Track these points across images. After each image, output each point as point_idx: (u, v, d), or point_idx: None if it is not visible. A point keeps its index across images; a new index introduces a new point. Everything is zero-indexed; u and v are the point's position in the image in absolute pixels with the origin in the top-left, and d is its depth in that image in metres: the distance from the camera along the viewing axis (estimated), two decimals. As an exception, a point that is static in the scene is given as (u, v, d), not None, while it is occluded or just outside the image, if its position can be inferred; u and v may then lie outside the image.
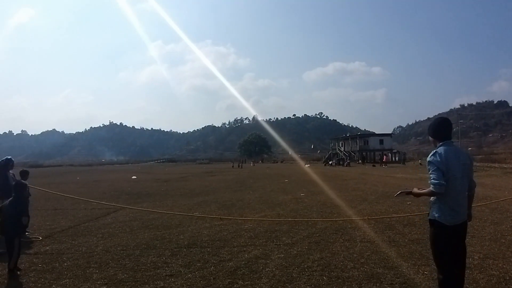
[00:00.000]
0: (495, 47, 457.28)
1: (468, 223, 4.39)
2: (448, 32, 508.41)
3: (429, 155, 4.22)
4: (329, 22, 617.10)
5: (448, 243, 4.17)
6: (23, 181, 7.82)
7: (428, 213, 4.38)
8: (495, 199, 13.43)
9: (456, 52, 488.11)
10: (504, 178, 26.93)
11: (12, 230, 6.28)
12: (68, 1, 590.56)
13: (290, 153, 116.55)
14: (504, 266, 6.00)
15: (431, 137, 4.43)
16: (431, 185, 4.03)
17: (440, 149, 4.18)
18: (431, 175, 4.07)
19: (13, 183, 7.57)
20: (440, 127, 4.36)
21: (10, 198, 6.49)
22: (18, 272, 6.23)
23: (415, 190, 4.36)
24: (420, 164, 55.05)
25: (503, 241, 7.74)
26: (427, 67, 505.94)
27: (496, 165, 45.99)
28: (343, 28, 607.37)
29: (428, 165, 4.17)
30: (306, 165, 60.46)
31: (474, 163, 47.62)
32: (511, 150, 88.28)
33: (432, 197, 4.23)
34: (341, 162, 66.55)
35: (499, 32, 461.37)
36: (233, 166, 59.78)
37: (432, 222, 4.25)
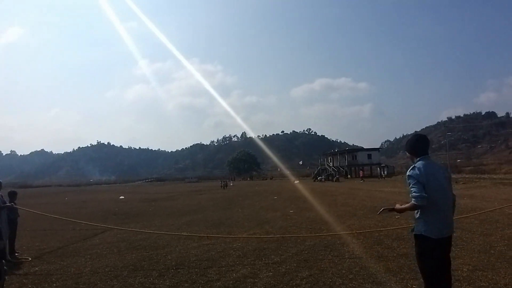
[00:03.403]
0: (481, 59, 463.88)
1: (456, 235, 4.42)
2: (433, 45, 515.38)
3: (408, 170, 4.29)
4: (314, 39, 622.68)
5: (435, 257, 4.20)
6: (7, 203, 7.69)
7: (413, 229, 4.40)
8: (485, 210, 13.49)
9: (442, 65, 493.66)
10: (494, 189, 27.00)
11: None
12: (56, 21, 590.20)
13: (279, 170, 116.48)
14: (494, 278, 5.98)
15: (409, 153, 4.54)
16: (413, 199, 4.07)
17: (419, 164, 4.26)
18: (411, 189, 4.12)
19: (1, 205, 7.43)
20: (417, 144, 4.46)
21: None
22: None
23: (398, 206, 4.39)
24: (384, 178, 56.42)
25: (493, 252, 7.72)
26: (412, 81, 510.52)
27: (486, 176, 46.30)
28: (328, 44, 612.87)
29: (408, 179, 4.22)
30: (296, 181, 60.46)
31: (464, 175, 48.48)
32: (501, 161, 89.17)
33: (416, 212, 4.26)
34: (330, 178, 66.68)
35: (484, 43, 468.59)
36: (222, 186, 52.52)
37: (417, 236, 4.26)
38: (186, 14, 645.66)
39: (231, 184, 63.06)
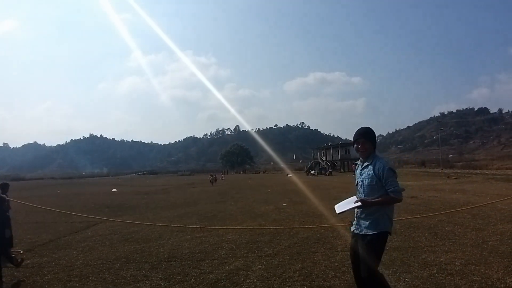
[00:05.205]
0: (474, 55, 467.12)
1: (448, 229, 4.43)
2: (427, 41, 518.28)
3: (387, 163, 4.24)
4: (309, 32, 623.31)
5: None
6: (1, 195, 7.63)
7: (352, 226, 4.46)
8: (477, 205, 13.55)
9: (435, 60, 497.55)
10: (486, 184, 27.24)
11: None
12: (50, 13, 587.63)
13: (272, 163, 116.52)
14: (486, 272, 6.01)
15: (373, 144, 4.45)
16: (397, 193, 4.09)
17: (385, 158, 4.28)
18: (394, 183, 4.11)
19: None
20: None
21: None
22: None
23: (366, 199, 4.25)
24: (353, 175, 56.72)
25: (485, 246, 7.74)
26: (406, 76, 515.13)
27: (478, 171, 46.74)
28: (323, 38, 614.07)
29: (390, 172, 4.15)
30: (289, 175, 60.58)
31: (455, 170, 48.57)
32: (493, 157, 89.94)
33: (377, 209, 4.22)
34: (323, 172, 66.88)
35: (477, 39, 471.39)
36: (211, 181, 43.94)
37: (382, 234, 4.21)
38: (180, 6, 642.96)
39: (222, 179, 57.83)
